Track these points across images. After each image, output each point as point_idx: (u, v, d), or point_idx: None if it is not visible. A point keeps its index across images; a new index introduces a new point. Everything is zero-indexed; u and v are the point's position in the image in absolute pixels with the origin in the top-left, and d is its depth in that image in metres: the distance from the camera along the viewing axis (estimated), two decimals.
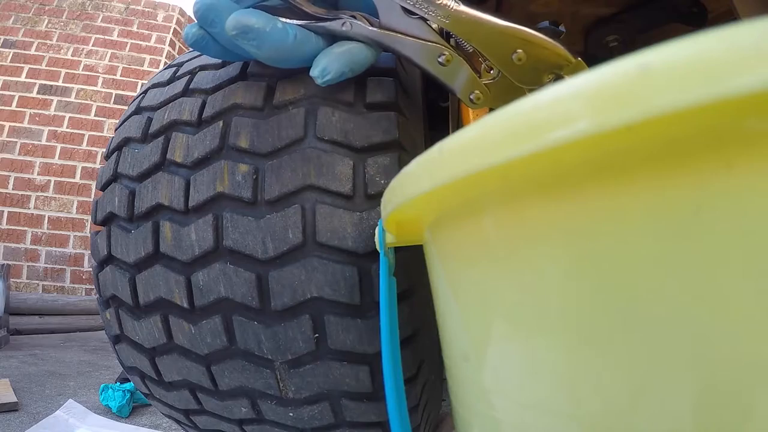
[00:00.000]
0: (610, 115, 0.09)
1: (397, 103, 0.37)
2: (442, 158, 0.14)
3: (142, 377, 0.44)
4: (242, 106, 0.37)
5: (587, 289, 0.13)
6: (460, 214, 0.16)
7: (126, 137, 0.42)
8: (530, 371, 0.15)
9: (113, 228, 0.40)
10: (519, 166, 0.12)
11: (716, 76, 0.08)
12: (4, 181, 2.68)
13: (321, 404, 0.37)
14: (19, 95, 2.80)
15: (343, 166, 0.34)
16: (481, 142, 0.12)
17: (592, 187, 0.12)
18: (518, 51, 0.36)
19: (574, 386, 0.13)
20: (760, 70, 0.08)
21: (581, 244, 0.13)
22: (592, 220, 0.12)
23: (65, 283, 2.68)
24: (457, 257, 0.18)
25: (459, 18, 0.35)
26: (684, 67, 0.09)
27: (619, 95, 0.09)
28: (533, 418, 0.15)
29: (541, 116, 0.11)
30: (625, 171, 0.12)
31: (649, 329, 0.12)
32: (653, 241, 0.11)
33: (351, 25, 0.35)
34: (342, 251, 0.34)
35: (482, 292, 0.16)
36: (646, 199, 0.11)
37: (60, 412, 0.93)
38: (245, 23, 0.31)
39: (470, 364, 0.18)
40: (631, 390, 0.12)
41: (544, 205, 0.13)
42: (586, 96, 0.10)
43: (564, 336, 0.13)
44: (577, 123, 0.10)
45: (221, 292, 0.35)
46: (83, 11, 3.04)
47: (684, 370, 0.11)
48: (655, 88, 0.09)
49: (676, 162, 0.11)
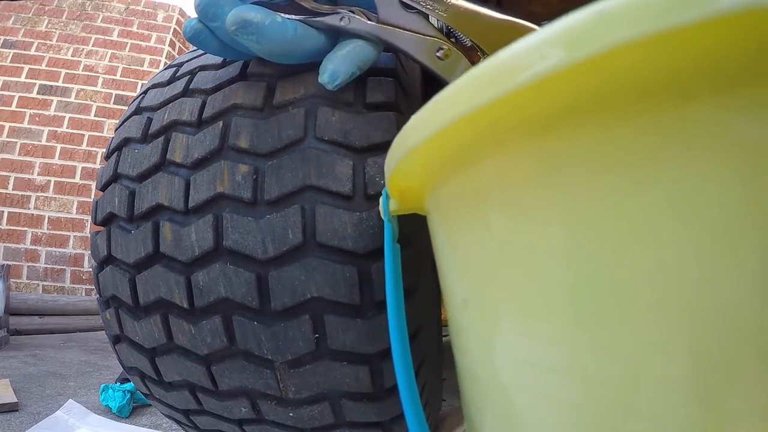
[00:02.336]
0: (575, 50, 0.11)
1: (397, 103, 0.37)
2: (436, 107, 0.15)
3: (142, 377, 0.44)
4: (242, 107, 0.37)
5: (580, 229, 0.14)
6: (456, 174, 0.18)
7: (126, 137, 0.42)
8: (527, 312, 0.16)
9: (113, 228, 0.40)
10: (504, 106, 0.13)
11: (649, 16, 0.10)
12: (4, 181, 2.69)
13: (321, 404, 0.37)
14: (19, 95, 2.80)
15: (343, 167, 0.34)
16: (469, 87, 0.14)
17: (571, 125, 0.13)
18: None
19: (566, 325, 0.15)
20: (687, 11, 0.09)
21: (568, 183, 0.13)
22: (576, 158, 0.13)
23: (65, 283, 2.68)
24: (455, 216, 0.19)
25: (457, 12, 0.35)
26: (631, 8, 0.10)
27: (582, 33, 0.11)
28: (527, 348, 0.16)
29: (519, 57, 0.12)
30: (596, 109, 0.13)
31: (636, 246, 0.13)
32: (626, 169, 0.12)
33: (349, 19, 0.35)
34: (342, 251, 0.34)
35: (478, 246, 0.18)
36: (617, 133, 0.12)
37: (60, 412, 0.93)
38: (245, 18, 0.32)
39: (469, 309, 0.19)
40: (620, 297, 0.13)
41: (532, 149, 0.14)
42: (555, 37, 0.11)
43: (559, 277, 0.14)
44: (548, 60, 0.11)
45: (221, 293, 0.35)
46: (83, 11, 3.04)
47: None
48: (610, 25, 0.10)
49: (638, 98, 0.12)
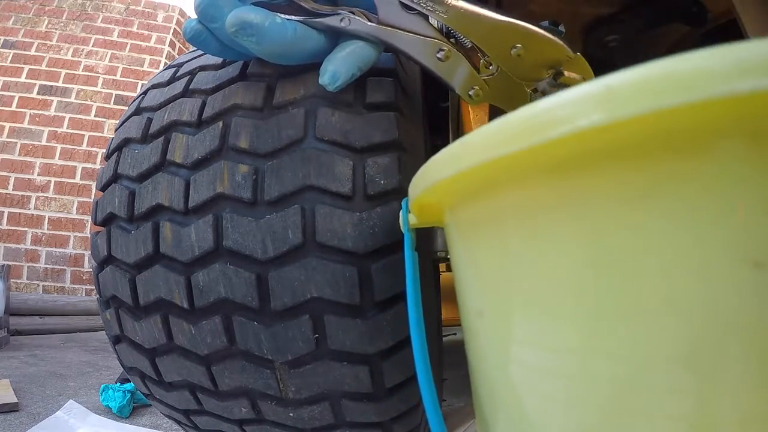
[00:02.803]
0: (585, 119, 0.13)
1: (396, 104, 0.37)
2: (464, 148, 0.17)
3: (142, 377, 0.44)
4: (242, 107, 0.37)
5: (592, 252, 0.16)
6: (477, 198, 0.20)
7: (126, 138, 0.42)
8: (540, 322, 0.18)
9: (113, 228, 0.40)
10: (522, 156, 0.15)
11: (635, 100, 0.12)
12: (5, 181, 2.69)
13: (321, 404, 0.37)
14: (19, 96, 2.80)
15: (343, 167, 0.34)
16: (490, 140, 0.16)
17: (592, 167, 0.15)
18: (517, 46, 0.36)
19: (570, 333, 0.17)
20: (671, 96, 0.12)
21: (583, 213, 0.16)
22: (593, 193, 0.15)
23: (65, 283, 2.68)
24: (473, 233, 0.22)
25: (457, 13, 0.35)
26: (632, 87, 0.12)
27: (592, 105, 0.13)
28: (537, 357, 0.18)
29: (558, 111, 0.14)
30: (618, 155, 0.15)
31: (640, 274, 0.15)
32: (623, 209, 0.15)
33: (350, 20, 0.35)
34: (342, 251, 0.34)
35: (495, 262, 0.20)
36: (633, 175, 0.14)
37: (60, 412, 0.93)
38: (244, 19, 0.32)
39: (484, 318, 0.22)
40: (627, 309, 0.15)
41: (551, 184, 0.17)
42: (569, 105, 0.13)
43: (571, 292, 0.17)
44: (587, 119, 0.13)
45: (221, 293, 0.35)
46: (83, 12, 3.04)
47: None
48: (648, 93, 0.12)
49: (638, 155, 0.14)
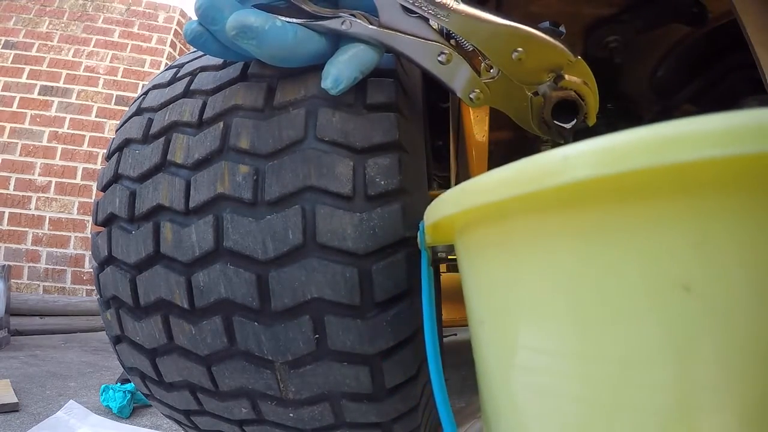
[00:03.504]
0: (543, 182, 0.17)
1: (397, 104, 0.37)
2: (463, 194, 0.21)
3: (142, 378, 0.44)
4: (243, 107, 0.37)
5: (582, 273, 0.19)
6: (482, 225, 0.24)
7: (127, 138, 0.42)
8: (532, 331, 0.21)
9: (114, 229, 0.40)
10: (509, 203, 0.19)
11: (583, 168, 0.16)
12: (5, 182, 2.69)
13: (321, 405, 0.37)
14: (20, 96, 2.80)
15: (344, 167, 0.34)
16: (482, 188, 0.20)
17: (587, 205, 0.19)
18: (518, 50, 0.36)
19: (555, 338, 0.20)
20: (619, 164, 0.15)
21: (575, 244, 0.19)
22: (588, 226, 0.19)
23: (66, 283, 2.68)
24: (477, 253, 0.25)
25: (458, 17, 0.35)
26: (583, 157, 0.16)
27: (547, 172, 0.17)
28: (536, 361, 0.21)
29: (513, 179, 0.18)
30: (567, 206, 0.18)
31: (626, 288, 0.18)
32: (578, 246, 0.19)
33: (351, 23, 0.35)
34: (342, 252, 0.34)
35: (493, 280, 0.24)
36: (580, 219, 0.18)
37: (61, 412, 0.93)
38: (244, 22, 0.31)
39: (485, 327, 0.25)
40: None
41: (553, 217, 0.20)
42: (525, 174, 0.18)
43: (565, 305, 0.20)
44: (523, 187, 0.18)
45: (221, 293, 0.35)
46: (84, 12, 3.05)
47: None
48: (567, 169, 0.16)
49: (589, 203, 0.18)
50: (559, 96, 0.39)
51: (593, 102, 0.40)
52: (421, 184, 0.47)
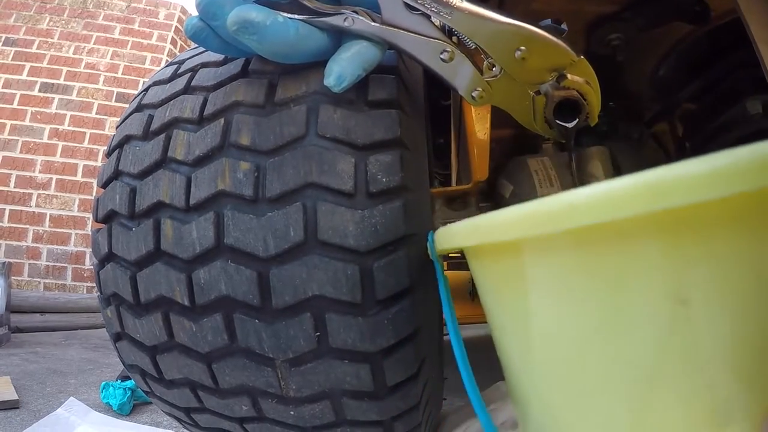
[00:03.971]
0: (549, 227, 0.18)
1: (399, 101, 0.37)
2: (474, 230, 0.24)
3: (142, 375, 0.44)
4: (243, 104, 0.37)
5: (589, 293, 0.20)
6: (487, 256, 0.26)
7: (127, 135, 0.42)
8: (548, 340, 0.23)
9: (114, 226, 0.40)
10: (517, 242, 0.22)
11: (584, 214, 0.17)
12: (6, 179, 2.69)
13: (322, 403, 0.37)
14: (21, 93, 2.80)
15: (345, 164, 0.34)
16: (491, 228, 0.22)
17: (554, 253, 0.21)
18: (521, 49, 0.36)
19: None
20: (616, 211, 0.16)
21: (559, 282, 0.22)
22: (565, 270, 0.21)
23: (66, 280, 2.68)
24: (490, 268, 0.27)
25: (461, 14, 0.35)
26: (583, 207, 0.17)
27: (556, 216, 0.18)
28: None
29: (521, 221, 0.20)
30: (569, 249, 0.20)
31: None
32: (584, 273, 0.21)
33: (353, 20, 0.35)
34: (343, 249, 0.34)
35: (507, 297, 0.26)
36: (586, 250, 0.20)
37: (61, 409, 0.93)
38: (246, 18, 0.31)
39: (506, 334, 0.27)
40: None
41: (529, 256, 0.22)
42: (533, 218, 0.19)
43: (567, 323, 0.22)
44: (531, 230, 0.19)
45: (222, 290, 0.35)
46: (84, 9, 3.04)
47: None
48: (574, 215, 0.17)
49: (593, 239, 0.19)
50: (561, 95, 0.38)
51: (595, 102, 0.40)
52: (422, 182, 0.47)
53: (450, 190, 0.75)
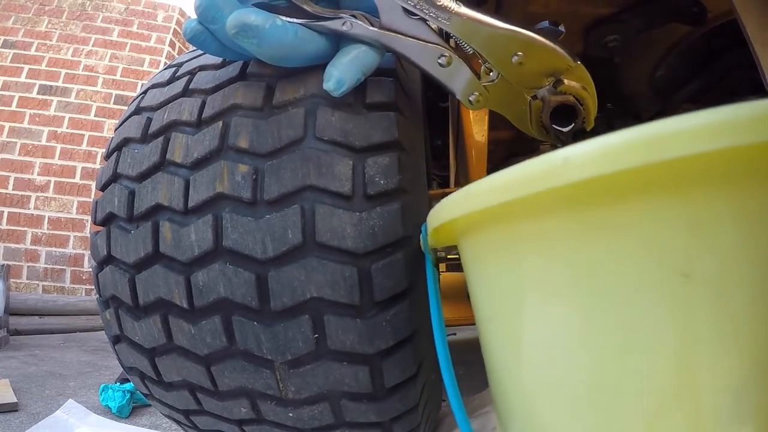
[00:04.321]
0: (545, 184, 0.18)
1: (396, 104, 0.37)
2: (467, 197, 0.22)
3: (141, 377, 0.44)
4: (242, 107, 0.37)
5: (579, 269, 0.20)
6: (485, 229, 0.25)
7: (126, 137, 0.42)
8: (538, 324, 0.22)
9: (113, 228, 0.40)
10: (512, 205, 0.20)
11: (579, 169, 0.17)
12: (4, 181, 2.69)
13: (321, 404, 0.37)
14: (19, 95, 2.80)
15: (343, 167, 0.34)
16: (485, 191, 0.21)
17: (550, 217, 0.20)
18: (518, 54, 0.36)
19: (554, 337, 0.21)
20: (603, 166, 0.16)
21: (573, 246, 0.20)
22: (551, 232, 0.20)
23: (65, 283, 2.68)
24: (480, 253, 0.26)
25: (459, 20, 0.35)
26: (582, 158, 0.17)
27: (550, 173, 0.17)
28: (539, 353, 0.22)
29: (515, 181, 0.19)
30: (568, 204, 0.19)
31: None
32: (580, 242, 0.20)
33: (352, 24, 0.35)
34: (341, 251, 0.34)
35: (497, 280, 0.25)
36: (582, 215, 0.19)
37: (60, 412, 0.93)
38: (245, 21, 0.31)
39: (492, 323, 0.26)
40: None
41: (524, 224, 0.21)
42: (527, 176, 0.18)
43: (562, 305, 0.21)
44: (526, 189, 0.18)
45: (221, 293, 0.35)
46: (83, 11, 3.04)
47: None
48: (570, 169, 0.17)
49: (589, 200, 0.19)
50: (558, 100, 0.39)
51: (592, 107, 0.40)
52: (420, 184, 0.47)
53: (448, 192, 0.75)
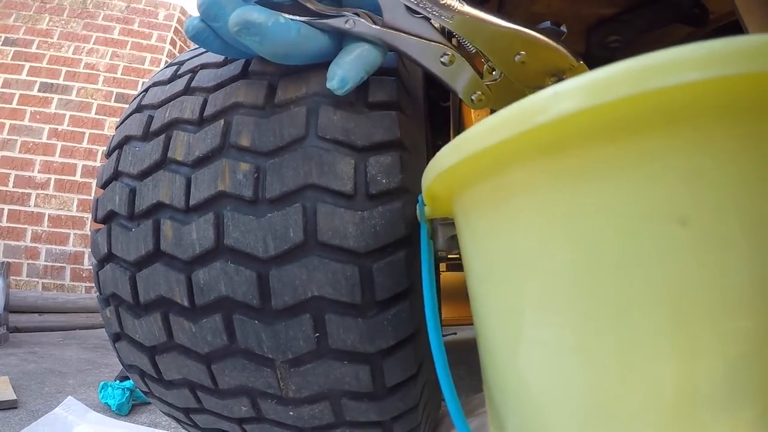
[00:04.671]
0: (536, 119, 0.17)
1: (398, 102, 0.37)
2: (463, 141, 0.21)
3: (141, 375, 0.44)
4: (244, 105, 0.37)
5: (573, 222, 0.19)
6: (476, 184, 0.24)
7: (127, 135, 0.42)
8: (531, 288, 0.21)
9: (114, 226, 0.40)
10: (503, 147, 0.19)
11: (577, 100, 0.16)
12: (5, 178, 2.68)
13: (321, 403, 0.37)
14: (20, 93, 2.79)
15: (345, 165, 0.34)
16: (478, 134, 0.20)
17: (550, 158, 0.19)
18: (521, 53, 0.36)
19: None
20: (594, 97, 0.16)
21: (567, 189, 0.19)
22: (575, 169, 0.19)
23: (65, 281, 2.68)
24: (474, 215, 0.25)
25: (462, 19, 0.35)
26: (571, 90, 0.16)
27: (540, 108, 0.17)
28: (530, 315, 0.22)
29: (507, 120, 0.18)
30: (560, 146, 0.19)
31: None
32: (572, 188, 0.19)
33: (354, 22, 0.35)
34: (343, 250, 0.34)
35: (491, 239, 0.24)
36: (573, 159, 0.18)
37: (59, 409, 0.93)
38: (248, 18, 0.31)
39: (488, 284, 0.25)
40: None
41: (538, 166, 0.20)
42: (519, 114, 0.18)
43: (556, 259, 0.20)
44: (518, 127, 0.18)
45: (222, 291, 0.35)
46: (84, 9, 3.04)
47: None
48: (559, 102, 0.16)
49: (581, 141, 0.18)
50: None
51: None
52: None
53: None
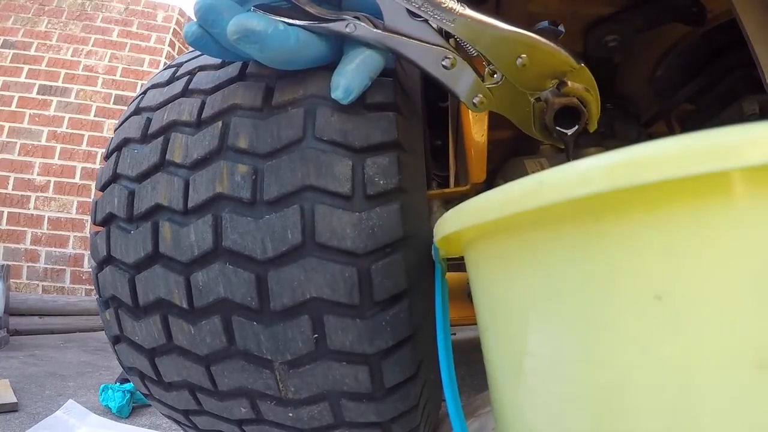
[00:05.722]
0: (523, 204, 0.19)
1: (396, 104, 0.37)
2: (461, 215, 0.24)
3: (141, 378, 0.44)
4: (241, 107, 0.37)
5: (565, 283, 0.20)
6: (484, 240, 0.26)
7: (125, 138, 0.42)
8: (533, 335, 0.23)
9: (113, 228, 0.40)
10: (499, 222, 0.21)
11: (553, 192, 0.18)
12: (4, 181, 2.68)
13: (320, 404, 0.37)
14: (19, 96, 2.80)
15: (342, 167, 0.34)
16: (477, 211, 0.22)
17: (534, 233, 0.21)
18: (522, 56, 0.36)
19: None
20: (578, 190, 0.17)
21: (560, 256, 0.21)
22: (540, 245, 0.21)
23: (65, 283, 2.68)
24: (480, 264, 0.27)
25: (464, 22, 0.35)
26: (552, 185, 0.18)
27: (527, 195, 0.19)
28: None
29: (499, 202, 0.20)
30: (548, 225, 0.20)
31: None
32: (560, 260, 0.20)
33: (355, 26, 0.35)
34: (341, 251, 0.34)
35: (491, 293, 0.26)
36: (563, 234, 0.20)
37: (60, 412, 0.93)
38: (246, 27, 0.31)
39: (488, 332, 0.27)
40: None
41: (513, 238, 0.23)
42: (508, 197, 0.20)
43: (546, 319, 0.21)
44: (506, 210, 0.20)
45: (220, 293, 0.35)
46: (83, 11, 3.04)
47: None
48: (544, 192, 0.18)
49: (568, 221, 0.19)
50: (561, 102, 0.39)
51: (595, 109, 0.40)
52: (420, 184, 0.47)
53: (448, 192, 0.75)
